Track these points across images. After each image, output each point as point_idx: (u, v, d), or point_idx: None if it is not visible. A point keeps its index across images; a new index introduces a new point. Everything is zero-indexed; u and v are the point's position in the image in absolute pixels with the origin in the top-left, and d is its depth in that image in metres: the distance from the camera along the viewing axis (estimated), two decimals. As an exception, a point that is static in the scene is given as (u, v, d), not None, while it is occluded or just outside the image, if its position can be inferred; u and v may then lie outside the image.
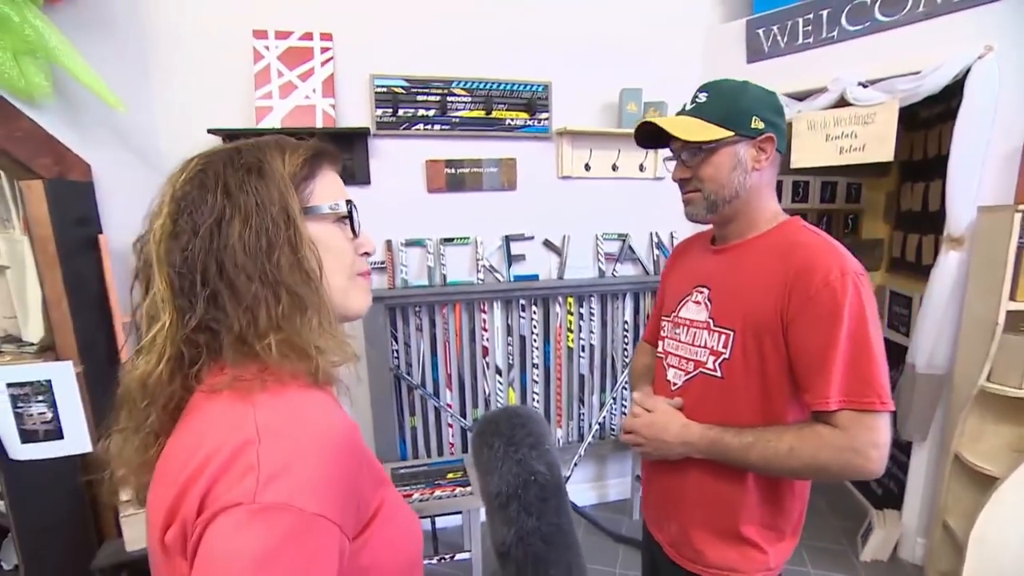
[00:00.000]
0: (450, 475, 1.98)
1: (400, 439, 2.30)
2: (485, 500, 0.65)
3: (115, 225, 1.82)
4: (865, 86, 1.96)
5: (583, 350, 2.43)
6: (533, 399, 2.43)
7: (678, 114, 0.92)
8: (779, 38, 2.15)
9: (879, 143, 1.95)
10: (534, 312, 2.36)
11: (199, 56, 1.92)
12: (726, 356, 0.88)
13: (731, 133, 0.85)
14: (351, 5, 2.03)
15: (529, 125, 2.25)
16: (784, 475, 0.88)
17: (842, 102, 2.00)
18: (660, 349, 1.04)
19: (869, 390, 0.77)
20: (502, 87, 2.20)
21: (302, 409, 0.47)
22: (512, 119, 2.24)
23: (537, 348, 2.39)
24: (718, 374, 0.89)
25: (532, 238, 2.35)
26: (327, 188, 0.54)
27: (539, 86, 2.24)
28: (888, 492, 2.35)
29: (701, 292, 0.95)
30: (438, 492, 1.87)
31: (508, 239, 2.31)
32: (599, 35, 2.25)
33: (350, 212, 0.55)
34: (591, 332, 2.42)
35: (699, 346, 0.93)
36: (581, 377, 2.44)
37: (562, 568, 0.59)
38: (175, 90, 1.91)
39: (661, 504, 1.02)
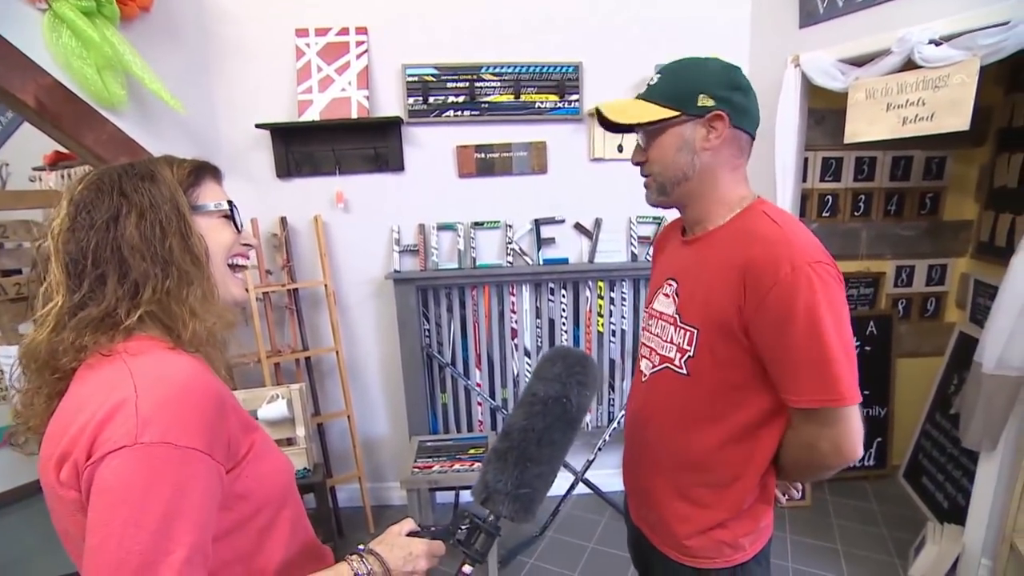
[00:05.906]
0: (471, 451, 2.07)
1: (431, 414, 2.42)
2: (524, 396, 0.75)
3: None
4: (938, 44, 1.71)
5: (614, 335, 2.39)
6: (561, 382, 2.44)
7: (637, 97, 0.89)
8: (837, -4, 1.93)
9: (952, 110, 1.70)
10: (563, 296, 2.36)
11: (250, 57, 2.11)
12: (691, 354, 0.86)
13: (676, 113, 0.83)
14: (384, -2, 2.11)
15: (560, 107, 2.22)
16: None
17: (909, 66, 1.77)
18: (642, 340, 1.03)
19: (831, 390, 0.75)
20: (531, 70, 2.19)
21: (169, 366, 0.57)
22: (542, 102, 2.22)
23: (566, 332, 2.39)
24: (684, 372, 0.87)
25: (563, 221, 2.34)
26: (211, 193, 0.67)
27: (569, 67, 2.19)
28: (955, 505, 2.10)
29: (670, 285, 0.93)
30: (457, 466, 1.96)
31: (538, 223, 2.32)
32: (632, 7, 2.16)
33: (231, 210, 0.68)
34: (622, 317, 2.38)
35: (667, 341, 0.91)
36: (612, 362, 2.41)
37: (537, 469, 0.68)
38: (230, 90, 2.12)
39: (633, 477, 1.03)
